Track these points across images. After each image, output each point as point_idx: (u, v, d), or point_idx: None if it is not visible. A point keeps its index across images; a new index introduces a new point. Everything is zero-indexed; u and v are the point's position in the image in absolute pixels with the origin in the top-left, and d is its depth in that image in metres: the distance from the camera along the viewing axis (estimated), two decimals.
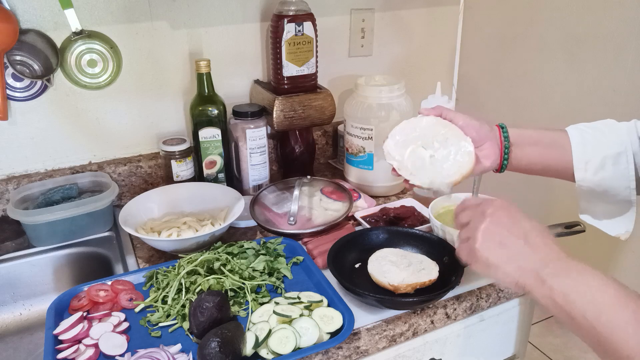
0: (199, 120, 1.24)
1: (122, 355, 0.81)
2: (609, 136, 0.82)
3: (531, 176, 0.93)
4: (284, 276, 0.98)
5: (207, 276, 0.93)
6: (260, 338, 0.80)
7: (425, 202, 1.16)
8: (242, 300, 0.91)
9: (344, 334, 0.82)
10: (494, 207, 0.69)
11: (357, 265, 1.01)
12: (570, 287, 0.60)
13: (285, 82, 1.28)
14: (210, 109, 1.24)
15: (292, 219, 1.13)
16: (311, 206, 1.19)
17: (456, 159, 0.86)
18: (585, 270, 0.61)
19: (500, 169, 0.91)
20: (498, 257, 0.66)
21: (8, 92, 1.14)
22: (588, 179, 0.83)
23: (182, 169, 1.26)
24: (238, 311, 0.89)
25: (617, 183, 0.81)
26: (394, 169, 0.89)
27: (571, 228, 0.95)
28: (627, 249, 1.58)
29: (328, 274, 0.95)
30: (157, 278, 0.96)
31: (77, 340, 0.83)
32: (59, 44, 1.15)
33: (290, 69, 1.27)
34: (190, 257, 0.97)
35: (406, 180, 0.88)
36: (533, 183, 1.90)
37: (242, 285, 0.92)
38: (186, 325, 0.86)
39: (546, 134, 0.89)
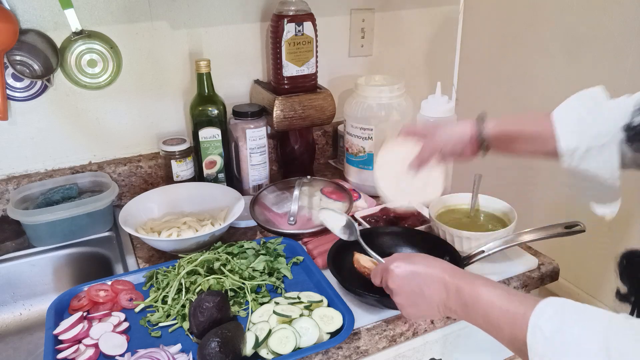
0: (199, 120, 1.24)
1: (122, 355, 0.81)
2: (596, 124, 0.82)
3: (531, 176, 0.93)
4: (284, 276, 0.98)
5: (207, 276, 0.93)
6: (260, 338, 0.80)
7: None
8: (242, 300, 0.91)
9: (344, 334, 0.82)
10: (391, 280, 0.79)
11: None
12: (467, 315, 0.72)
13: (285, 82, 1.28)
14: (210, 109, 1.24)
15: (292, 219, 1.13)
16: (311, 206, 1.19)
17: (428, 183, 0.93)
18: (470, 297, 0.71)
19: (480, 153, 0.93)
20: (419, 314, 0.79)
21: (8, 92, 1.14)
22: (574, 166, 0.84)
23: (182, 169, 1.26)
24: (238, 311, 0.89)
25: (601, 172, 0.82)
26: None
27: (571, 228, 0.95)
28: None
29: (328, 274, 0.95)
30: (157, 278, 0.96)
31: (77, 340, 0.83)
32: (59, 44, 1.15)
33: (290, 69, 1.27)
34: (190, 257, 0.97)
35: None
36: (533, 183, 1.90)
37: (242, 285, 0.92)
38: (186, 325, 0.86)
39: (527, 124, 0.88)
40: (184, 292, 0.90)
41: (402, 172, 0.95)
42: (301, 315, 0.84)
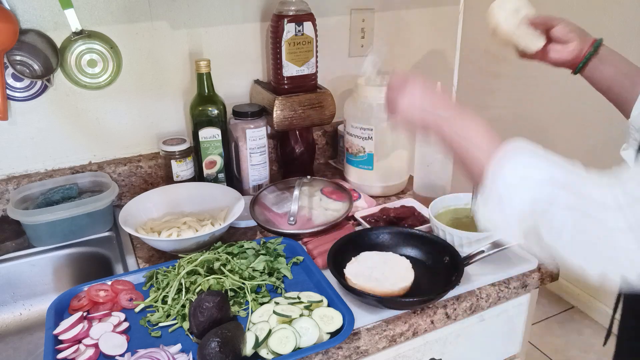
0: (199, 120, 1.24)
1: (122, 355, 0.81)
2: None
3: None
4: (284, 276, 0.98)
5: (207, 276, 0.93)
6: (260, 338, 0.80)
7: (425, 202, 1.16)
8: (242, 300, 0.91)
9: (344, 334, 0.82)
10: (410, 83, 0.84)
11: None
12: (455, 133, 0.78)
13: (285, 82, 1.28)
14: (210, 109, 1.24)
15: (292, 219, 1.13)
16: (311, 206, 1.19)
17: (534, 37, 1.01)
18: (467, 116, 0.78)
19: (575, 70, 1.01)
20: (412, 113, 0.84)
21: (8, 92, 1.14)
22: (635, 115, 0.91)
23: (182, 169, 1.26)
24: (238, 311, 0.89)
25: None
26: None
27: None
28: None
29: (328, 274, 0.95)
30: (157, 278, 0.96)
31: (77, 340, 0.83)
32: (59, 44, 1.15)
33: (290, 69, 1.27)
34: (190, 257, 0.97)
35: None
36: None
37: (242, 285, 0.92)
38: (186, 325, 0.86)
39: (629, 65, 0.97)
40: (184, 292, 0.90)
41: (521, 7, 1.00)
42: (301, 315, 0.84)
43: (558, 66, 1.02)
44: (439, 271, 0.97)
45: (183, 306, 0.88)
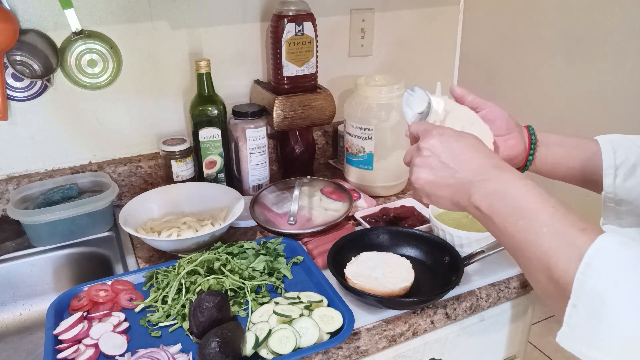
0: (199, 120, 1.24)
1: (122, 355, 0.81)
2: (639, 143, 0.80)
3: (530, 177, 0.90)
4: (284, 276, 0.98)
5: (207, 276, 0.93)
6: (260, 338, 0.80)
7: None
8: (242, 300, 0.91)
9: (344, 334, 0.82)
10: (427, 140, 0.71)
11: None
12: (494, 197, 0.63)
13: (285, 82, 1.28)
14: (210, 109, 1.24)
15: (292, 219, 1.13)
16: (311, 206, 1.19)
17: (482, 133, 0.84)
18: (508, 179, 0.63)
19: (525, 165, 0.89)
20: (431, 186, 0.71)
21: (8, 92, 1.14)
22: (618, 185, 0.79)
23: (182, 169, 1.26)
24: (238, 311, 0.89)
25: None
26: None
27: None
28: None
29: (328, 274, 0.95)
30: (157, 278, 0.96)
31: (77, 340, 0.83)
32: (59, 44, 1.15)
33: (290, 69, 1.27)
34: (190, 257, 0.97)
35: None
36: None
37: (242, 285, 0.92)
38: (186, 325, 0.86)
39: (573, 138, 0.86)
40: (184, 292, 0.90)
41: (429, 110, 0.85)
42: (301, 315, 0.84)
43: None
44: (439, 271, 0.97)
45: (183, 306, 0.88)
